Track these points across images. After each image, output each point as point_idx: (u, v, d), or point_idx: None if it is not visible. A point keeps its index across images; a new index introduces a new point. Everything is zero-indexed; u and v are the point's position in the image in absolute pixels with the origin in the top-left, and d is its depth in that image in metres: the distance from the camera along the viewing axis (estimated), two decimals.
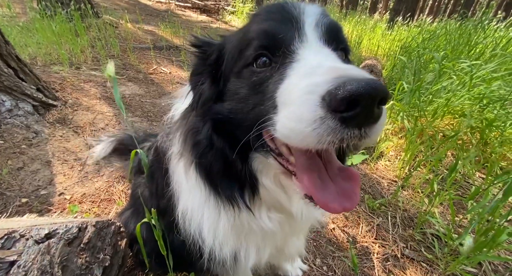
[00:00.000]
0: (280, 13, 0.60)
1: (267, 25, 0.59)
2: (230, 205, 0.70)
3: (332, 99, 0.38)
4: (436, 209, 1.86)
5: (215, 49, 0.71)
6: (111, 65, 0.87)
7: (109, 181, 1.76)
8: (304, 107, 0.42)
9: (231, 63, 0.65)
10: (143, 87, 3.16)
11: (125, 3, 8.61)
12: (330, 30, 0.61)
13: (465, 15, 5.43)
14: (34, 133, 1.85)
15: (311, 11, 0.61)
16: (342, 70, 0.42)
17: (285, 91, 0.50)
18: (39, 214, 1.41)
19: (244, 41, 0.61)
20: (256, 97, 0.57)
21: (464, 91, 2.26)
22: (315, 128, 0.41)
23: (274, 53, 0.57)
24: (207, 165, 0.68)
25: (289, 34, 0.57)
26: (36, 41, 3.43)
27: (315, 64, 0.50)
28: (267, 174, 0.69)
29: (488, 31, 4.26)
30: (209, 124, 0.67)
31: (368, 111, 0.40)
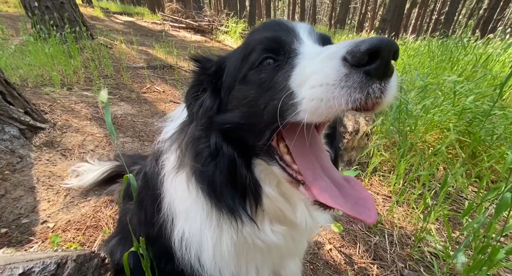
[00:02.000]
0: (277, 25, 0.68)
1: (269, 33, 0.64)
2: (233, 218, 0.68)
3: (355, 55, 0.42)
4: (432, 226, 1.84)
5: (214, 63, 0.75)
6: (105, 92, 0.86)
7: (96, 206, 1.69)
8: (327, 71, 0.46)
9: (234, 73, 0.68)
10: (136, 107, 3.16)
11: (120, 24, 8.84)
12: (322, 37, 0.68)
13: (445, 33, 5.75)
14: (19, 158, 1.79)
15: (303, 25, 0.68)
16: (353, 41, 0.46)
17: (299, 73, 0.53)
18: (19, 245, 1.33)
19: (247, 50, 0.65)
20: (267, 95, 0.59)
21: (449, 106, 2.33)
22: (343, 86, 0.44)
23: (278, 53, 0.61)
24: (210, 174, 0.67)
25: (289, 38, 0.63)
26: (28, 63, 3.43)
27: (322, 49, 0.55)
28: (270, 183, 0.70)
29: (469, 48, 4.50)
30: (216, 134, 0.68)
31: (386, 63, 0.44)
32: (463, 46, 4.43)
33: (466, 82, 2.61)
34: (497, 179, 2.19)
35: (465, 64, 3.74)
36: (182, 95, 3.80)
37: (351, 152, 2.48)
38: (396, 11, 9.19)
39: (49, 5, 4.29)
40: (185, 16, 10.47)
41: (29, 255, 0.85)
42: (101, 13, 9.64)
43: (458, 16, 28.45)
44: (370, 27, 22.34)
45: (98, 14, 9.46)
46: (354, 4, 34.03)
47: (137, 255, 0.95)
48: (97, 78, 3.61)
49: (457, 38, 5.52)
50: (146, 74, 4.15)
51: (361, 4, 30.30)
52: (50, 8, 4.30)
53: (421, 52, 5.05)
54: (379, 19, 16.16)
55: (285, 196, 0.71)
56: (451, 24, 14.54)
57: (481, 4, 23.19)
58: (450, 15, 14.19)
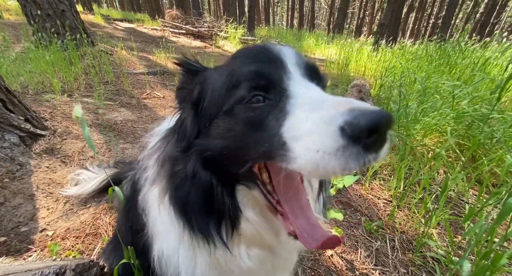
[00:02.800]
0: (262, 54, 0.64)
1: (255, 67, 0.61)
2: (205, 241, 0.67)
3: (355, 129, 0.43)
4: (434, 230, 1.82)
5: (198, 84, 0.71)
6: (78, 107, 0.86)
7: (96, 213, 1.68)
8: (325, 138, 0.46)
9: (218, 101, 0.65)
10: (136, 113, 3.17)
11: (120, 31, 8.94)
12: (310, 68, 0.66)
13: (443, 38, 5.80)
14: (19, 165, 1.79)
15: (287, 51, 0.65)
16: (348, 104, 0.47)
17: (293, 126, 0.52)
18: (18, 254, 1.32)
19: (232, 81, 0.62)
20: (256, 135, 0.58)
21: (448, 110, 2.34)
22: (339, 156, 0.45)
23: (268, 91, 0.59)
24: (183, 197, 0.66)
25: (277, 73, 0.60)
26: (29, 70, 3.46)
27: (316, 98, 0.54)
28: (253, 207, 0.69)
29: (466, 52, 4.54)
30: (195, 159, 0.66)
31: (383, 136, 0.46)
32: (461, 50, 4.47)
33: (464, 86, 2.63)
34: (498, 182, 2.18)
35: (463, 68, 3.77)
36: None
37: None
38: (394, 16, 9.29)
39: (50, 13, 4.34)
40: (185, 22, 10.59)
41: (27, 265, 0.85)
42: (102, 20, 9.76)
43: (455, 20, 28.74)
44: (368, 32, 22.56)
45: (99, 21, 9.58)
46: (352, 9, 34.45)
47: (129, 265, 0.94)
48: (98, 85, 3.63)
49: (455, 42, 5.57)
50: (146, 80, 4.18)
51: (359, 9, 30.67)
52: (52, 15, 4.36)
53: (419, 56, 5.09)
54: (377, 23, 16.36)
55: (268, 220, 0.71)
56: (448, 28, 14.69)
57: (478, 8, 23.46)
58: (447, 19, 14.35)
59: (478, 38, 5.27)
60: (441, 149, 1.89)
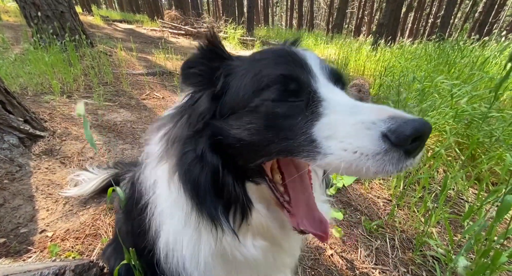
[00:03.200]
0: (289, 57, 0.65)
1: (285, 70, 0.62)
2: (213, 225, 0.67)
3: (400, 136, 0.45)
4: (433, 229, 1.82)
5: (222, 75, 0.68)
6: (81, 104, 0.85)
7: (95, 214, 1.68)
8: (365, 142, 0.48)
9: (242, 100, 0.64)
10: (135, 113, 3.17)
11: (119, 32, 8.94)
12: (333, 73, 0.67)
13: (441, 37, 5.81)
14: (18, 166, 1.79)
15: (311, 55, 0.67)
16: (386, 110, 0.50)
17: (327, 127, 0.54)
18: (17, 255, 1.32)
19: (260, 84, 0.61)
20: (281, 132, 0.59)
21: (447, 109, 2.34)
22: (379, 159, 0.47)
23: (298, 95, 0.60)
24: (193, 177, 0.65)
25: (305, 76, 0.62)
26: (28, 72, 3.46)
27: (348, 103, 0.57)
28: (261, 200, 0.72)
29: (465, 51, 4.54)
30: (205, 141, 0.66)
31: (423, 143, 0.49)
32: (460, 49, 4.48)
33: (463, 85, 2.63)
34: (497, 181, 2.18)
35: (462, 67, 3.77)
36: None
37: None
38: (393, 15, 9.30)
39: (49, 14, 4.35)
40: (184, 23, 10.60)
41: (27, 266, 0.85)
42: (101, 21, 9.77)
43: (454, 20, 28.79)
44: (367, 32, 22.58)
45: (98, 22, 9.59)
46: (351, 9, 34.50)
47: (129, 266, 0.94)
48: (97, 86, 3.63)
49: (454, 41, 5.58)
50: (145, 80, 4.18)
51: (358, 9, 30.71)
52: (51, 17, 4.36)
53: (418, 55, 5.10)
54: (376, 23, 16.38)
55: (275, 214, 0.75)
56: (447, 27, 14.71)
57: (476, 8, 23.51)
58: (446, 18, 14.36)
59: (477, 37, 5.27)
60: (441, 148, 1.89)
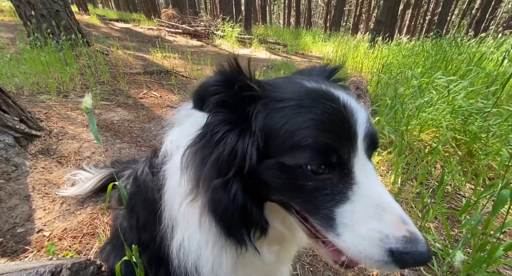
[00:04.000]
0: (340, 118, 0.58)
1: (329, 138, 0.56)
2: (238, 246, 0.71)
3: (400, 260, 0.51)
4: (431, 224, 1.83)
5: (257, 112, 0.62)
6: (89, 98, 0.85)
7: (93, 213, 1.67)
8: (374, 249, 0.53)
9: (274, 149, 0.60)
10: (133, 112, 3.15)
11: (116, 31, 8.88)
12: (374, 142, 0.64)
13: (439, 34, 5.81)
14: (14, 166, 1.78)
15: (363, 117, 0.60)
16: (404, 226, 0.53)
17: (348, 216, 0.57)
18: (14, 255, 1.31)
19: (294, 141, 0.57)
20: (307, 196, 0.60)
21: (444, 105, 2.34)
22: (377, 263, 0.53)
23: (330, 166, 0.58)
24: (223, 211, 0.65)
25: (346, 150, 0.58)
26: (24, 71, 3.43)
27: (377, 200, 0.57)
28: (277, 218, 0.75)
29: (462, 48, 4.55)
30: (237, 186, 0.63)
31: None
32: (457, 46, 4.48)
33: (460, 80, 2.63)
34: (494, 176, 2.19)
35: (459, 63, 3.78)
36: (179, 100, 3.81)
37: None
38: (390, 13, 9.30)
39: (44, 13, 4.30)
40: (181, 22, 10.55)
41: (23, 264, 0.84)
42: (97, 20, 9.70)
43: (451, 16, 28.82)
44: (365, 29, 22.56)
45: (95, 21, 9.52)
46: (349, 7, 34.45)
47: (129, 262, 0.94)
48: (94, 85, 3.61)
49: (451, 37, 5.58)
50: (142, 79, 4.15)
51: (355, 7, 30.65)
52: (46, 16, 4.32)
53: (416, 52, 5.10)
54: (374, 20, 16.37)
55: (289, 227, 0.78)
56: (444, 24, 14.72)
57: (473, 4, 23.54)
58: (443, 15, 14.37)
59: (474, 34, 5.28)
60: (438, 144, 1.89)
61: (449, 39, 5.48)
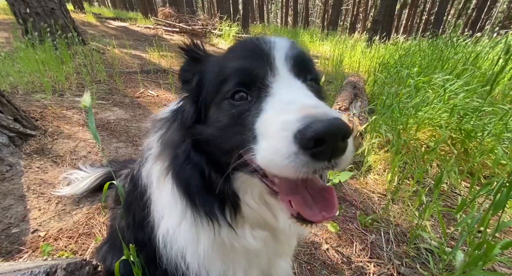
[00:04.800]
0: (253, 49, 0.65)
1: (242, 63, 0.63)
2: (209, 221, 0.69)
3: (303, 138, 0.44)
4: (427, 222, 1.84)
5: (197, 72, 0.74)
6: (88, 96, 0.84)
7: (89, 213, 1.66)
8: (280, 143, 0.47)
9: (211, 94, 0.68)
10: (129, 112, 3.13)
11: (113, 29, 8.80)
12: (299, 62, 0.65)
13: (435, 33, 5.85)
14: (8, 166, 1.76)
15: (281, 45, 0.65)
16: (310, 109, 0.47)
17: (263, 124, 0.54)
18: (8, 255, 1.30)
19: (222, 76, 0.65)
20: (235, 127, 0.61)
21: (440, 104, 2.36)
22: (291, 161, 0.46)
23: (250, 88, 0.61)
24: (185, 178, 0.69)
25: (262, 70, 0.61)
26: (19, 70, 3.39)
27: (288, 99, 0.54)
28: (251, 193, 0.71)
29: (458, 47, 4.58)
30: (188, 142, 0.70)
31: (333, 146, 0.45)
32: (453, 45, 4.51)
33: (456, 80, 2.65)
34: (489, 174, 2.21)
35: (455, 62, 3.81)
36: (176, 99, 3.79)
37: None
38: (387, 12, 9.34)
39: (39, 11, 4.25)
40: (179, 20, 10.48)
41: (17, 265, 0.83)
42: (93, 19, 9.60)
43: (448, 16, 29.01)
44: (362, 29, 22.64)
45: (90, 20, 9.42)
46: (346, 6, 34.52)
47: (127, 261, 0.93)
48: (90, 84, 3.58)
49: (447, 37, 5.62)
50: (139, 78, 4.13)
51: (352, 6, 30.74)
52: (41, 14, 4.27)
53: (412, 51, 5.13)
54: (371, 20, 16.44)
55: (267, 205, 0.73)
56: (440, 24, 14.82)
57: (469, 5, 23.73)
58: (439, 15, 14.47)
59: (470, 34, 5.32)
60: (436, 146, 1.90)
61: (445, 39, 5.52)
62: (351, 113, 2.83)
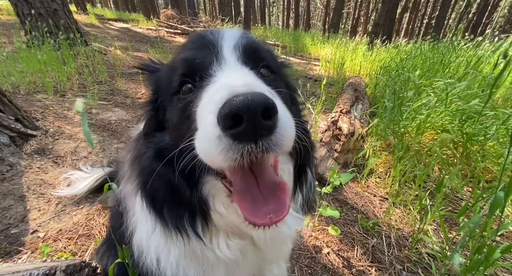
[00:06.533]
0: (200, 40, 0.64)
1: (187, 54, 0.62)
2: (178, 233, 0.66)
3: (219, 118, 0.40)
4: (429, 227, 1.83)
5: (153, 80, 0.74)
6: (80, 102, 0.84)
7: (89, 214, 1.65)
8: (207, 128, 0.44)
9: (164, 94, 0.68)
10: (130, 112, 3.13)
11: (115, 30, 8.85)
12: (248, 51, 0.63)
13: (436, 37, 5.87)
14: (9, 166, 1.75)
15: (230, 35, 0.64)
16: (236, 88, 0.43)
17: (199, 112, 0.52)
18: (7, 256, 1.29)
19: (171, 71, 0.64)
20: (185, 123, 0.59)
21: (442, 108, 2.35)
22: (217, 147, 0.42)
23: (194, 78, 0.60)
24: (152, 192, 0.67)
25: (207, 59, 0.59)
26: (21, 70, 3.40)
27: (223, 83, 0.51)
28: (220, 198, 0.67)
29: (460, 51, 4.58)
30: (151, 151, 0.68)
31: (255, 125, 0.40)
32: (454, 49, 4.52)
33: (458, 83, 2.65)
34: (492, 178, 2.20)
35: (456, 66, 3.81)
36: None
37: (347, 154, 2.49)
38: (388, 16, 9.38)
39: (42, 12, 4.28)
40: (180, 22, 10.53)
41: (16, 266, 0.82)
42: (96, 20, 9.65)
43: (448, 20, 29.12)
44: (363, 32, 22.74)
45: (93, 21, 9.47)
46: (347, 9, 34.67)
47: (122, 263, 0.92)
48: (91, 84, 3.58)
49: (448, 41, 5.63)
50: (141, 79, 4.13)
51: (354, 9, 30.89)
52: (44, 15, 4.29)
53: (414, 55, 5.14)
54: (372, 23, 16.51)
55: (237, 211, 0.67)
56: (441, 28, 14.89)
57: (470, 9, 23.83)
58: (440, 19, 14.53)
59: (471, 37, 5.33)
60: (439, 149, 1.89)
61: (446, 43, 5.53)
62: (352, 116, 2.82)
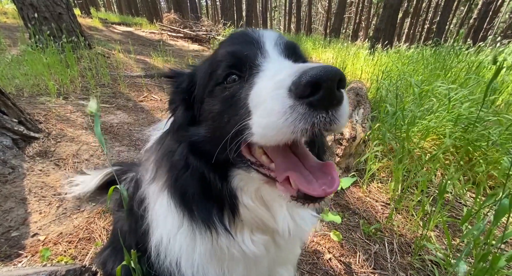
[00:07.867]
0: (242, 37, 0.68)
1: (232, 48, 0.66)
2: (207, 229, 0.68)
3: (298, 87, 0.43)
4: (432, 233, 1.81)
5: (186, 78, 0.77)
6: (94, 102, 0.85)
7: (89, 217, 1.65)
8: (274, 102, 0.46)
9: (203, 86, 0.69)
10: (132, 115, 3.14)
11: (118, 34, 8.94)
12: (288, 47, 0.68)
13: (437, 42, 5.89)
14: (11, 168, 1.76)
15: (269, 34, 0.68)
16: (302, 65, 0.46)
17: (255, 94, 0.54)
18: (8, 259, 1.28)
19: (214, 64, 0.66)
20: (230, 110, 0.61)
21: (444, 113, 2.35)
22: (287, 117, 0.44)
23: (241, 69, 0.62)
24: (182, 187, 0.68)
25: (252, 52, 0.63)
26: (24, 73, 3.43)
27: (279, 68, 0.55)
28: (248, 191, 0.69)
29: (461, 56, 4.59)
30: (184, 145, 0.69)
31: (330, 93, 0.44)
32: (456, 54, 4.53)
33: (459, 88, 2.65)
34: (495, 184, 2.18)
35: (458, 71, 3.81)
36: None
37: (349, 159, 2.48)
38: (389, 21, 9.43)
39: (47, 15, 4.33)
40: (183, 26, 10.64)
41: (16, 271, 0.82)
42: (99, 24, 9.76)
43: (450, 25, 29.26)
44: (364, 36, 22.86)
45: (97, 25, 9.58)
46: (349, 14, 34.92)
47: (127, 268, 0.92)
48: (94, 87, 3.61)
49: (449, 46, 5.65)
50: (143, 83, 4.16)
51: (355, 14, 31.11)
52: (48, 18, 4.35)
53: (415, 60, 5.15)
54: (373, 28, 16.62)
55: (265, 205, 0.71)
56: (443, 33, 14.95)
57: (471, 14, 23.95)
58: (441, 24, 14.61)
59: (472, 43, 5.35)
60: (439, 152, 1.89)
61: (447, 48, 5.55)
62: (354, 120, 2.82)
